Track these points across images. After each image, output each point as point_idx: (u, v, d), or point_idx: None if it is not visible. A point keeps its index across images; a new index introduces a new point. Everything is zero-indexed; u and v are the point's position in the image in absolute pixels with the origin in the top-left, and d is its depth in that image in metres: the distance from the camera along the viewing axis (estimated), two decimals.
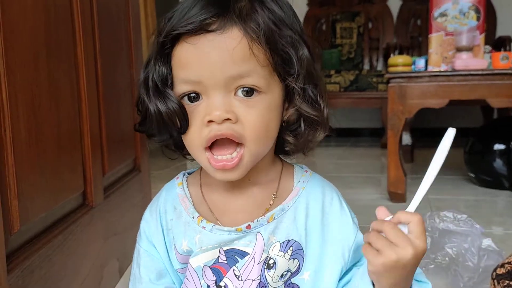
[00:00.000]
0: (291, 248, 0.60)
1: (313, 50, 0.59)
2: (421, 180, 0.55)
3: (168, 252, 0.63)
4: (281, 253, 0.60)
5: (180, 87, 0.55)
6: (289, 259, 0.60)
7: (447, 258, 1.00)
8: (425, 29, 3.26)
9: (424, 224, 0.56)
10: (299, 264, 0.61)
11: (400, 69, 1.90)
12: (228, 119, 0.53)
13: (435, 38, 1.89)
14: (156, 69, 0.56)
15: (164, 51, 0.55)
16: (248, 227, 0.59)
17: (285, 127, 0.60)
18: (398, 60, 1.94)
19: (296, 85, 0.56)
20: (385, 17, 3.80)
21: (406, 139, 2.72)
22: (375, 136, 3.80)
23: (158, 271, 0.64)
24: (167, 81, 0.56)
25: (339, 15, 3.80)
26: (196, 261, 0.61)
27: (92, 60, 1.04)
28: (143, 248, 0.65)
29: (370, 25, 3.82)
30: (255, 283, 0.59)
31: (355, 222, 0.64)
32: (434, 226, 1.04)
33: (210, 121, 0.53)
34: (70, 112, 0.94)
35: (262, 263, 0.59)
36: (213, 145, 0.55)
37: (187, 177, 0.66)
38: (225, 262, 0.60)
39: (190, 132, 0.56)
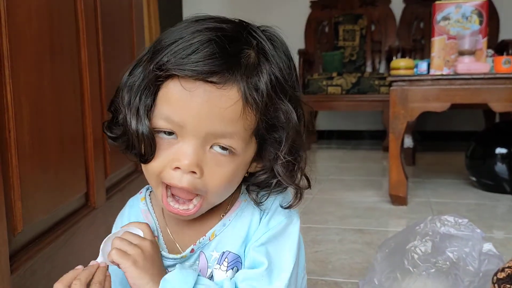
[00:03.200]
0: (226, 259, 0.60)
1: (304, 112, 0.58)
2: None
3: None
4: (218, 266, 0.60)
5: (160, 122, 0.54)
6: (227, 270, 0.60)
7: (448, 262, 1.00)
8: (428, 32, 3.26)
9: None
10: None
11: (402, 72, 1.90)
12: (194, 172, 0.53)
13: (437, 42, 1.89)
14: (142, 98, 0.54)
15: (156, 82, 0.53)
16: (192, 251, 0.60)
17: (250, 176, 0.60)
18: (401, 63, 1.94)
19: (281, 155, 0.55)
20: (388, 19, 3.80)
21: (408, 142, 2.72)
22: (377, 138, 3.80)
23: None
24: (149, 111, 0.54)
25: (341, 18, 3.80)
26: None
27: (96, 63, 1.05)
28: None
29: (372, 27, 3.83)
30: None
31: (269, 224, 0.60)
32: (435, 230, 1.04)
33: (176, 168, 0.53)
34: (73, 114, 0.95)
35: (208, 278, 0.60)
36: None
37: (150, 192, 0.66)
38: None
39: (152, 164, 0.55)
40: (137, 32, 1.39)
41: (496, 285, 0.88)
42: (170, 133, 0.54)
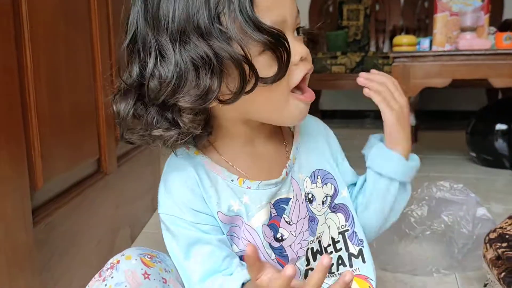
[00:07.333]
0: (319, 177, 0.65)
1: None
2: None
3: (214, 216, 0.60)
4: (314, 185, 0.65)
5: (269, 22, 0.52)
6: (322, 186, 0.65)
7: (443, 225, 1.05)
8: (432, 11, 3.25)
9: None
10: (334, 186, 0.67)
11: (404, 48, 1.92)
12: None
13: (440, 19, 1.91)
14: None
15: None
16: (286, 173, 0.63)
17: None
18: (403, 40, 1.96)
19: None
20: None
21: (410, 120, 2.75)
22: (380, 118, 3.81)
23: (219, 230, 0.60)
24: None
25: None
26: (256, 222, 0.60)
27: (106, 32, 1.08)
28: (193, 222, 0.58)
29: (377, 7, 3.81)
30: (306, 220, 0.64)
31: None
32: (431, 195, 1.08)
33: (300, 60, 0.55)
34: (86, 82, 0.99)
35: (304, 200, 0.64)
36: None
37: (195, 145, 0.62)
38: (276, 214, 0.62)
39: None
40: None
41: (488, 244, 0.93)
42: None
